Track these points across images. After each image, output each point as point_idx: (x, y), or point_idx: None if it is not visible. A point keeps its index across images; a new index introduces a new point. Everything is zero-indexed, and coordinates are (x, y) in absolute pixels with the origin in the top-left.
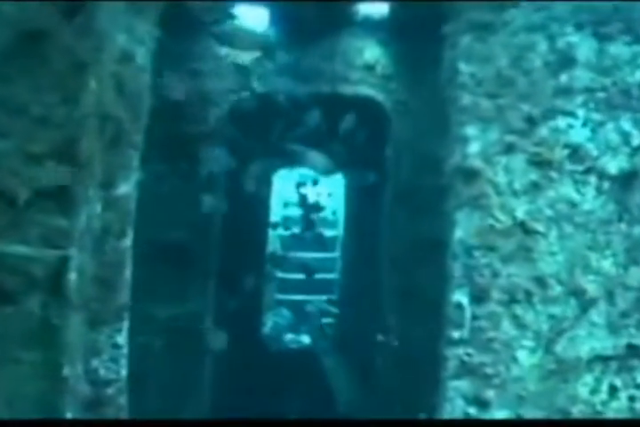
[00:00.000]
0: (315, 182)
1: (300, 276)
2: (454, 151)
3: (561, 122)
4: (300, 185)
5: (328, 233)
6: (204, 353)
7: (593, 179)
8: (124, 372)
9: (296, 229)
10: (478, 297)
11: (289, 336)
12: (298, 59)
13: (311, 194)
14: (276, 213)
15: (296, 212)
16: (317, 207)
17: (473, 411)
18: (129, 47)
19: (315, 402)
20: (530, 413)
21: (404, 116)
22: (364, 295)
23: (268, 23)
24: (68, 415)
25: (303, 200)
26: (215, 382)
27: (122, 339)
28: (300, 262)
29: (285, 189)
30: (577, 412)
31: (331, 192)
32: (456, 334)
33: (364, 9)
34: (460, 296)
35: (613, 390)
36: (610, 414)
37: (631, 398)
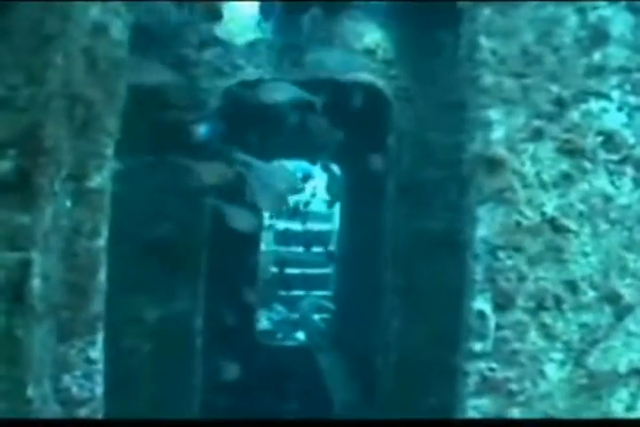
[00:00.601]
0: (308, 177)
1: (295, 271)
2: (474, 138)
3: (594, 105)
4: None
5: (322, 227)
6: (195, 351)
7: (629, 169)
8: (99, 390)
9: (289, 224)
10: (502, 304)
11: (284, 333)
12: (294, 43)
13: (306, 187)
14: None
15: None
16: (312, 201)
17: None
18: (103, 20)
19: (310, 399)
20: None
21: (406, 104)
22: (360, 291)
23: (262, 5)
24: None
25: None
26: (208, 381)
27: (96, 353)
28: (294, 257)
29: None
30: None
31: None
32: (477, 347)
33: None
34: (482, 303)
35: None
36: None
37: None
